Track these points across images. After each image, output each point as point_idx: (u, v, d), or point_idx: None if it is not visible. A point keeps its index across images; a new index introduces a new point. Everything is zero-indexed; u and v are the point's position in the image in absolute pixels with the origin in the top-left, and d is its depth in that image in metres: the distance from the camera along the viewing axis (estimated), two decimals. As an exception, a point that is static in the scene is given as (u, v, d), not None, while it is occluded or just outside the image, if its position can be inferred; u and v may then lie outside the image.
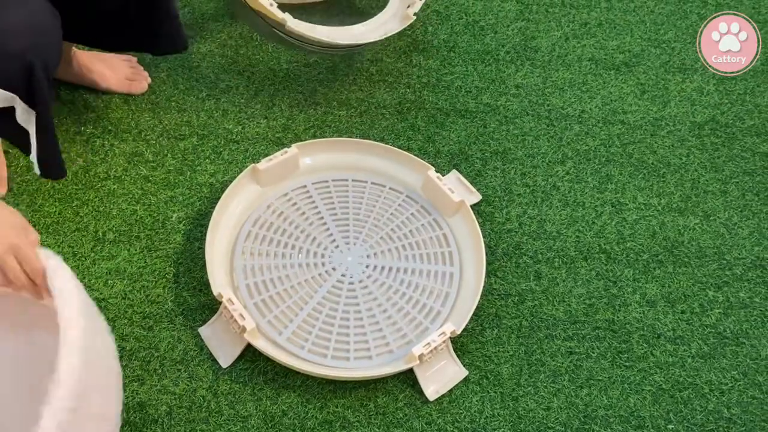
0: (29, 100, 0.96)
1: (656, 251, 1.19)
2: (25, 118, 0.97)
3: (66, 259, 1.12)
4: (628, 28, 1.51)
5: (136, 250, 1.14)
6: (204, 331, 1.06)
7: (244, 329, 1.00)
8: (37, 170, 1.07)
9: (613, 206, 1.25)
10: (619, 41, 1.49)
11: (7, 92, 0.92)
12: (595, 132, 1.35)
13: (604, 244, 1.20)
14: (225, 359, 1.03)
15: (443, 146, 1.30)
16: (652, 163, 1.31)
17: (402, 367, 1.00)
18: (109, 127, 1.29)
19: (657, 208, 1.25)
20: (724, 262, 1.19)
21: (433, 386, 1.02)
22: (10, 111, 0.96)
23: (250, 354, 1.04)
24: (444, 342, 1.01)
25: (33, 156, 1.02)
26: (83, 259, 1.13)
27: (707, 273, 1.17)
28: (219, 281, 1.07)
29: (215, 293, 1.04)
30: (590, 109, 1.38)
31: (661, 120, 1.37)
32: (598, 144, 1.33)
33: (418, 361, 0.99)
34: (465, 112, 1.36)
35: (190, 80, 1.37)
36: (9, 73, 0.91)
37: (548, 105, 1.38)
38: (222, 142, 1.28)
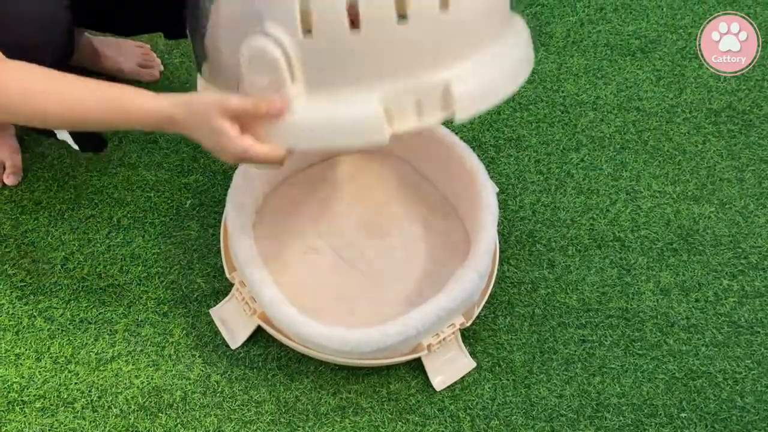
0: None
1: (671, 239, 1.19)
2: None
3: (82, 245, 1.13)
4: (644, 13, 1.50)
5: (150, 236, 1.15)
6: (215, 312, 1.06)
7: (255, 311, 1.00)
8: (74, 146, 1.09)
9: (627, 194, 1.24)
10: (635, 26, 1.47)
11: None
12: (610, 119, 1.33)
13: (618, 232, 1.19)
14: (234, 341, 1.04)
15: (456, 133, 1.29)
16: (668, 151, 1.30)
17: (410, 356, 1.00)
18: (123, 114, 1.29)
19: (672, 195, 1.24)
20: (740, 250, 1.18)
21: (441, 377, 1.02)
22: None
23: (263, 340, 1.05)
24: (453, 333, 1.01)
25: (63, 135, 1.03)
26: (98, 245, 1.14)
27: (722, 261, 1.17)
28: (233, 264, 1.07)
29: (228, 276, 1.05)
30: (605, 95, 1.37)
31: (677, 107, 1.36)
32: (612, 131, 1.32)
33: (426, 351, 0.99)
34: (478, 98, 1.35)
35: (203, 67, 1.36)
36: None
37: (563, 91, 1.37)
38: (235, 129, 1.28)
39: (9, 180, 1.19)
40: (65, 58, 0.98)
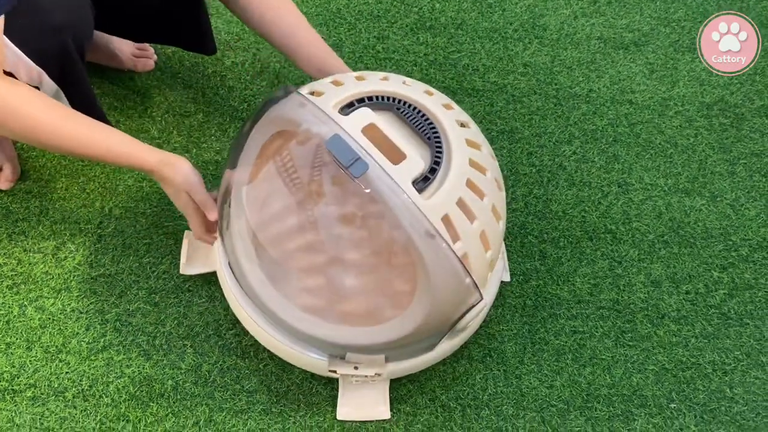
0: (59, 79, 0.96)
1: (662, 232, 1.19)
2: (53, 95, 0.98)
3: (73, 235, 1.13)
4: (638, 6, 1.50)
5: (142, 226, 1.15)
6: (189, 234, 1.09)
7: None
8: None
9: (619, 186, 1.24)
10: (628, 20, 1.47)
11: (37, 67, 0.93)
12: (603, 111, 1.34)
13: (610, 225, 1.20)
14: (187, 268, 1.07)
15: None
16: (660, 144, 1.30)
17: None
18: (115, 104, 1.29)
19: (663, 188, 1.24)
20: (730, 243, 1.19)
21: (347, 408, 0.99)
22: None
23: (255, 330, 1.05)
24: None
25: None
26: (90, 234, 1.14)
27: (713, 254, 1.17)
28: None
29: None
30: (598, 88, 1.37)
31: (669, 100, 1.36)
32: (605, 124, 1.32)
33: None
34: (472, 90, 1.35)
35: (196, 57, 1.36)
36: (43, 49, 0.92)
37: (556, 84, 1.37)
38: (227, 120, 1.28)
39: (3, 185, 1.17)
40: (87, 43, 0.99)
